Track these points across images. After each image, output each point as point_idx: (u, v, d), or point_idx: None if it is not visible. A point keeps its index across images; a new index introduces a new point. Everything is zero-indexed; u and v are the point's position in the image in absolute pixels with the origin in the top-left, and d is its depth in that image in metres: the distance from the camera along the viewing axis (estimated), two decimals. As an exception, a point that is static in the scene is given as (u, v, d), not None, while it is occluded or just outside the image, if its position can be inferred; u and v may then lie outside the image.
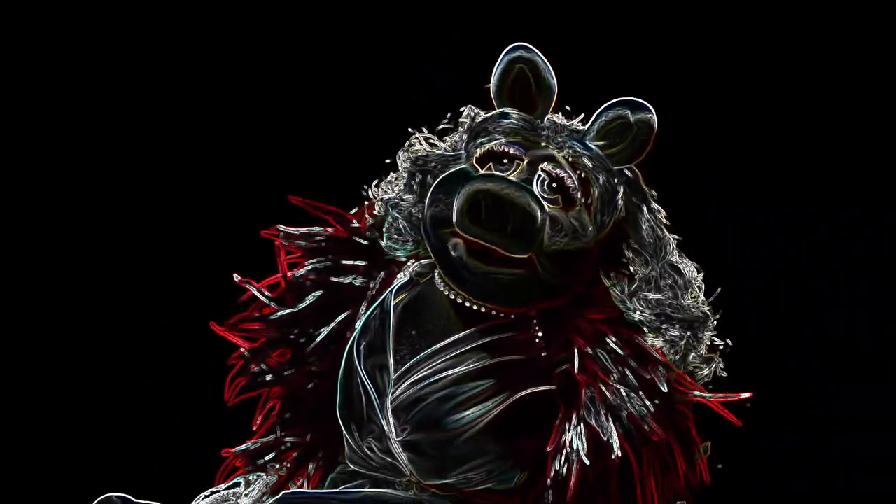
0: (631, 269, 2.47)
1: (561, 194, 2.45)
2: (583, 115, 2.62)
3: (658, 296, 2.44)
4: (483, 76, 2.66)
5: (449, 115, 2.69)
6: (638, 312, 2.43)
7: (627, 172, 2.52)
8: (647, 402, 2.33)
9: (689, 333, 2.43)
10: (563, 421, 2.34)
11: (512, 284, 2.42)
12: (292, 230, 2.69)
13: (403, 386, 2.44)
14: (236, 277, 2.70)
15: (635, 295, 2.45)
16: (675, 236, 2.56)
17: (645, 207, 2.53)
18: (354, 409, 2.50)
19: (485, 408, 2.39)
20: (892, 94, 4.19)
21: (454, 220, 2.38)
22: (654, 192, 2.59)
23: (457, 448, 2.38)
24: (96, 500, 2.41)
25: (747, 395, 2.44)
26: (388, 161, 2.71)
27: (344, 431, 2.52)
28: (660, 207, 2.57)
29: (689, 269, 2.52)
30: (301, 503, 2.38)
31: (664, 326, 2.43)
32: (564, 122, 2.58)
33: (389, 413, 2.44)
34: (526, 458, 2.38)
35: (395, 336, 2.51)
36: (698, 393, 2.43)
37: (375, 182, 2.72)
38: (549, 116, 2.56)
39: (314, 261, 2.66)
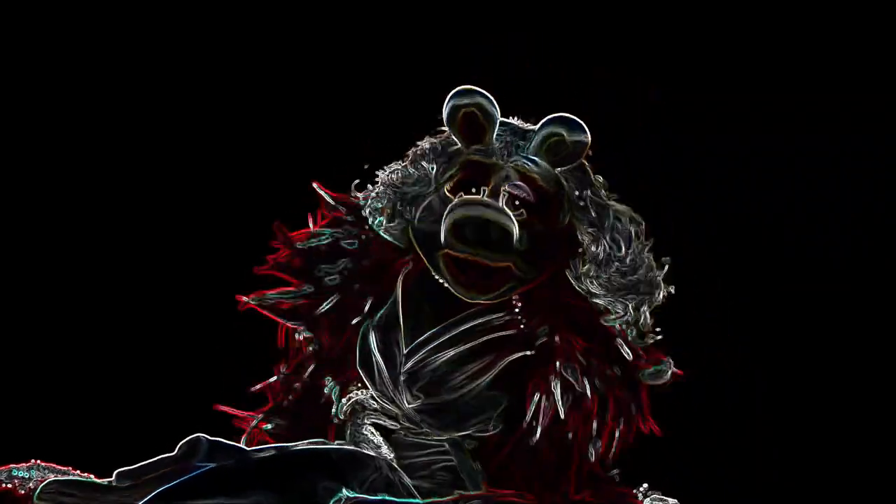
0: (583, 248, 2.94)
1: (524, 206, 2.93)
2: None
3: (604, 275, 2.91)
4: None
5: (409, 150, 3.11)
6: (588, 290, 2.92)
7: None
8: (613, 368, 2.87)
9: (632, 304, 2.91)
10: (545, 375, 2.86)
11: (497, 296, 2.95)
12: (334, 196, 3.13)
13: (411, 362, 2.94)
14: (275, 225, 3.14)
15: (585, 275, 2.93)
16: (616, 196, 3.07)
17: (588, 191, 2.99)
18: (373, 368, 2.98)
19: (479, 374, 2.90)
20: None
21: (442, 243, 2.89)
22: (589, 166, 3.04)
23: (463, 407, 2.90)
24: (185, 440, 2.76)
25: (679, 372, 2.95)
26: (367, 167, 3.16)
27: (363, 375, 3.00)
28: (600, 180, 3.04)
29: (632, 222, 3.01)
30: (343, 447, 2.88)
31: (610, 302, 2.91)
32: (513, 128, 3.03)
33: (402, 385, 2.93)
34: (513, 416, 2.89)
35: (403, 320, 2.98)
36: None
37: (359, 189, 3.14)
38: (496, 133, 2.99)
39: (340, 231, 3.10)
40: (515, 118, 3.08)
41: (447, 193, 2.97)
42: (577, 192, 2.98)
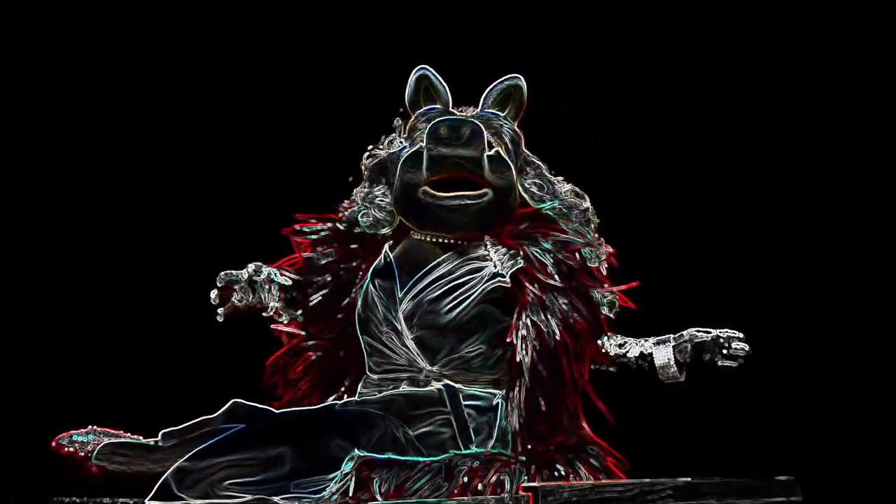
0: (535, 182, 3.63)
1: (486, 146, 3.55)
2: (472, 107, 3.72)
3: (558, 193, 3.61)
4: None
5: (383, 136, 3.74)
6: (551, 204, 3.58)
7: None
8: (572, 302, 3.41)
9: (584, 217, 3.59)
10: (517, 319, 3.40)
11: (479, 208, 3.51)
12: (305, 227, 3.73)
13: (406, 300, 3.50)
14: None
15: (546, 194, 3.60)
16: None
17: (526, 150, 3.71)
18: (377, 315, 3.53)
19: (465, 301, 3.45)
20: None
21: (427, 146, 3.50)
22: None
23: (451, 334, 3.45)
24: (226, 406, 3.31)
25: (635, 283, 3.54)
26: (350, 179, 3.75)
27: (367, 338, 3.54)
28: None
29: (563, 183, 3.67)
30: (355, 408, 3.35)
31: (566, 211, 3.58)
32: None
33: (402, 319, 3.48)
34: (501, 337, 3.43)
35: (397, 273, 3.55)
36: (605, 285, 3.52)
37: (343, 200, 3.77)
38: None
39: (319, 249, 3.71)
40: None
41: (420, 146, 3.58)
42: (522, 145, 3.67)
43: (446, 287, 3.47)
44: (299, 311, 3.67)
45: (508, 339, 3.39)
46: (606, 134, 4.55)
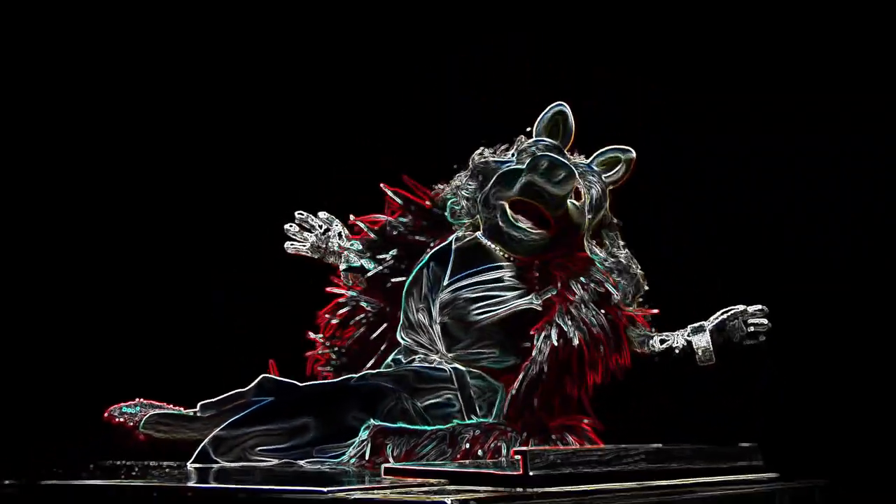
0: (604, 243, 3.98)
1: (575, 194, 3.90)
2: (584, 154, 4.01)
3: (616, 260, 3.94)
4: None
5: (505, 144, 4.01)
6: (605, 264, 3.91)
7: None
8: (597, 313, 3.75)
9: (633, 284, 3.93)
10: (544, 322, 3.75)
11: (534, 245, 3.88)
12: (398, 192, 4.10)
13: (447, 291, 3.90)
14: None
15: (607, 256, 3.95)
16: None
17: (612, 217, 4.03)
18: (419, 293, 3.93)
19: (494, 311, 3.83)
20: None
21: (525, 172, 3.84)
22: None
23: (473, 332, 3.84)
24: (256, 380, 3.79)
25: (655, 310, 3.92)
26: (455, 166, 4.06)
27: (406, 310, 3.94)
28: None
29: (627, 252, 4.00)
30: (370, 382, 3.76)
31: (619, 277, 3.90)
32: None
33: (437, 304, 3.88)
34: (516, 349, 3.80)
35: (451, 263, 3.94)
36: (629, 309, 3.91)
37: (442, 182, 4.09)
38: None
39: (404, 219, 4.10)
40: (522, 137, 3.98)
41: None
42: (608, 209, 3.98)
43: (485, 293, 3.86)
44: (368, 266, 4.03)
45: (532, 332, 3.75)
46: (606, 134, 4.58)
